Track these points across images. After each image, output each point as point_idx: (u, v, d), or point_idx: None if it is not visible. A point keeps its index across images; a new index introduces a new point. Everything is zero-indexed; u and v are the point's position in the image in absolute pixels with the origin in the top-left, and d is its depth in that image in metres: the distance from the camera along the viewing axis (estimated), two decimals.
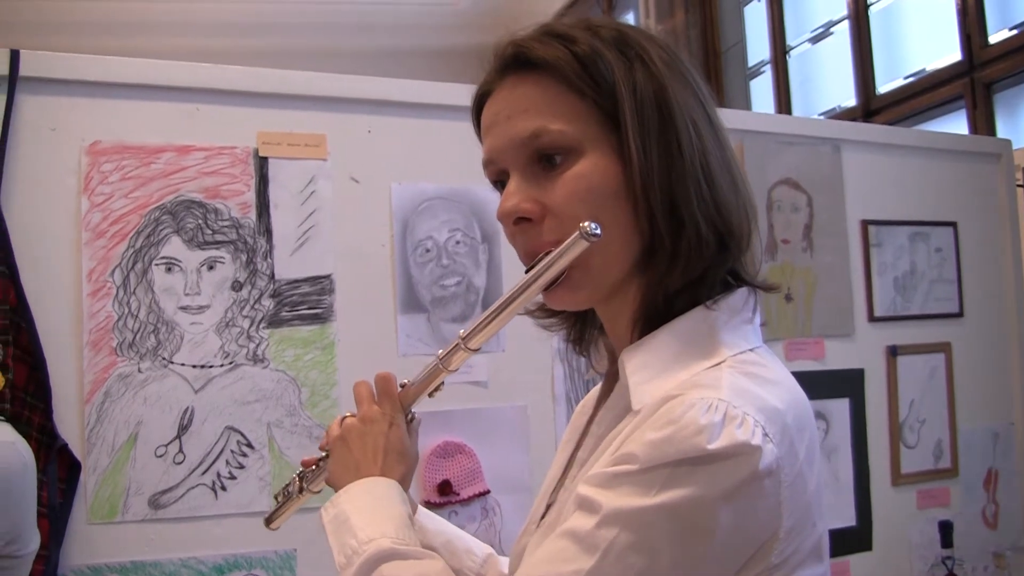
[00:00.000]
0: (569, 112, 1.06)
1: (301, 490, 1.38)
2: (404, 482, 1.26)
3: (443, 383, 1.26)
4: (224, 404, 2.15)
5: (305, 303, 2.24)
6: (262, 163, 2.24)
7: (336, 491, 1.25)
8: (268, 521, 1.44)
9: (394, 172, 2.37)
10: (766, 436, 0.91)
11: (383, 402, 1.28)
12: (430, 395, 1.27)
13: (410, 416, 1.32)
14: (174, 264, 2.14)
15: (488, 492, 2.35)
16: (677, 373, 1.02)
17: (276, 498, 1.43)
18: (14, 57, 2.03)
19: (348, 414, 1.32)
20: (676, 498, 0.89)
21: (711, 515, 0.90)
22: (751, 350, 1.06)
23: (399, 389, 1.29)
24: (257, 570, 2.13)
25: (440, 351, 1.22)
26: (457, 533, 1.43)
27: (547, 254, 1.05)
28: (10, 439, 1.61)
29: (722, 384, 0.96)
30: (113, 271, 2.09)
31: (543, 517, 1.17)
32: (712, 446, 0.89)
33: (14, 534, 1.61)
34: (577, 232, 1.00)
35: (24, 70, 2.04)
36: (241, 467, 2.14)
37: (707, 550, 0.91)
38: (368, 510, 1.18)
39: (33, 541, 1.68)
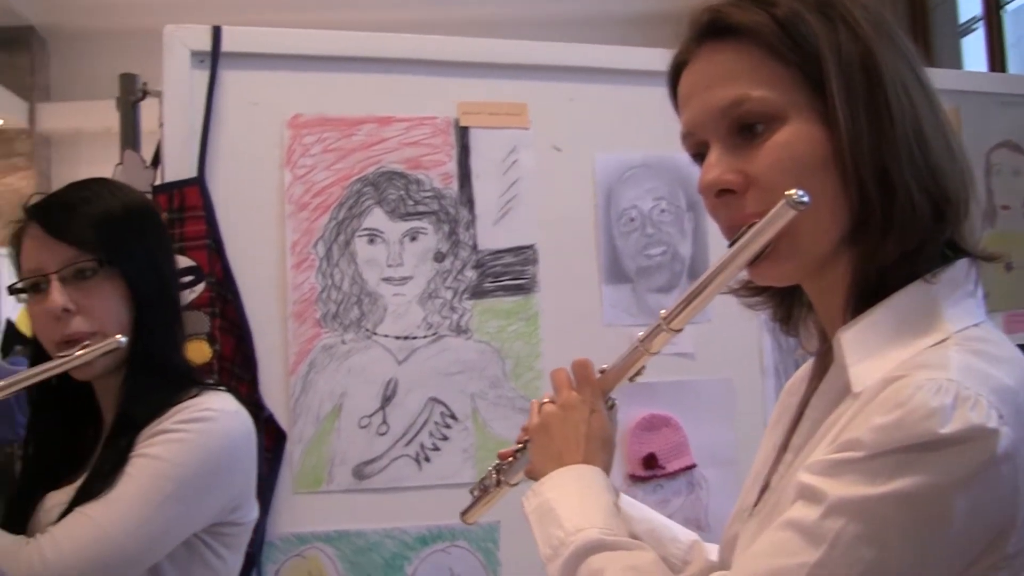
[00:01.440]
0: (770, 78, 1.00)
1: (498, 483, 1.35)
2: (606, 470, 1.23)
3: (644, 367, 1.22)
4: (427, 375, 2.15)
5: (508, 274, 2.23)
6: (463, 133, 2.23)
7: (536, 481, 1.22)
8: (464, 514, 1.42)
9: (596, 140, 2.34)
10: (1001, 418, 0.85)
11: (582, 388, 1.25)
12: (631, 379, 1.23)
13: (610, 402, 1.28)
14: (376, 235, 2.15)
15: (694, 466, 2.30)
16: (898, 352, 0.95)
17: (472, 492, 1.41)
18: (216, 33, 2.09)
19: (546, 399, 1.29)
20: (907, 486, 0.84)
21: (945, 504, 0.84)
22: (976, 325, 0.99)
23: (598, 375, 1.26)
24: (460, 541, 2.14)
25: (640, 333, 1.18)
26: (662, 521, 1.40)
27: (751, 226, 1.00)
28: (233, 408, 1.63)
29: (950, 363, 0.89)
30: (316, 243, 2.11)
31: (756, 504, 1.13)
32: (944, 430, 0.83)
33: (239, 501, 1.64)
34: (783, 200, 0.95)
35: (226, 46, 2.09)
36: (445, 439, 2.14)
37: (941, 541, 0.85)
38: (573, 499, 1.15)
39: (255, 509, 1.71)
